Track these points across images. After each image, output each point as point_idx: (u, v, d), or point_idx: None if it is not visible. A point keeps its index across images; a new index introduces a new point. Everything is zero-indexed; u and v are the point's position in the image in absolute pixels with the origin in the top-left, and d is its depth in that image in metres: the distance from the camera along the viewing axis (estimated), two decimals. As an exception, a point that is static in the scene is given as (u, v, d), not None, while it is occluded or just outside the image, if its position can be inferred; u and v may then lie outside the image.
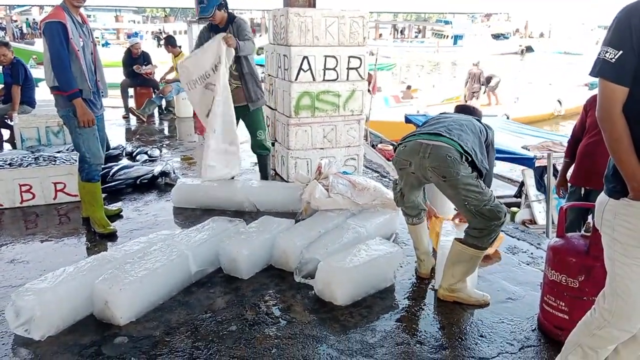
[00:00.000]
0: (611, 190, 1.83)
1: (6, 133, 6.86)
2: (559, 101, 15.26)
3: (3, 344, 2.57)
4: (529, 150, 6.30)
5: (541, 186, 6.13)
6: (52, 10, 3.64)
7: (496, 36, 46.44)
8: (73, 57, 3.60)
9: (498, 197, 4.21)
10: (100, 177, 5.14)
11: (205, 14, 4.12)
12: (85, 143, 3.79)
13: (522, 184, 6.80)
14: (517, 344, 2.61)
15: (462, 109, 3.30)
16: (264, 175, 4.90)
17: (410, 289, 3.18)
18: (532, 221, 6.26)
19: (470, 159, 2.74)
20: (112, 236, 3.92)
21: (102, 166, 5.36)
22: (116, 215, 4.31)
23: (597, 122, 3.30)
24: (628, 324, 1.88)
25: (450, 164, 2.70)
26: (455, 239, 2.91)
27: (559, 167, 5.91)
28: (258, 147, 4.75)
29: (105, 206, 4.28)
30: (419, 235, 3.29)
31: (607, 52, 1.70)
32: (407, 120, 8.32)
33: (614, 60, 1.68)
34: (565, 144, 6.76)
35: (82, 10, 3.78)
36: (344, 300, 2.93)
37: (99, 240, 3.88)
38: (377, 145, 8.88)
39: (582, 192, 3.72)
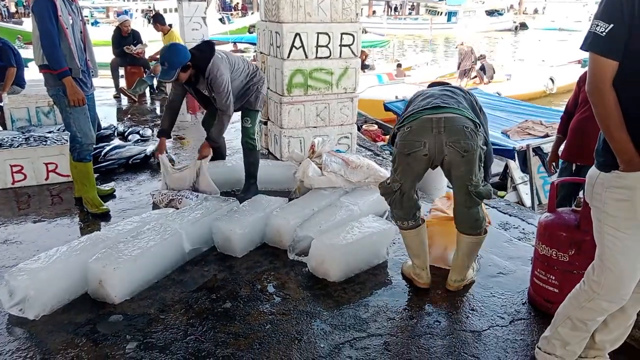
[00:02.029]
0: (601, 164, 1.84)
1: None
2: (551, 79, 15.21)
3: (-2, 324, 2.58)
4: (508, 136, 6.32)
5: (525, 167, 6.16)
6: None
7: (490, 13, 46.01)
8: (62, 36, 3.54)
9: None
10: (92, 157, 5.15)
11: (166, 78, 3.65)
12: (76, 122, 3.75)
13: (506, 167, 6.83)
14: (507, 317, 2.66)
15: (435, 85, 3.12)
16: (246, 177, 4.19)
17: (403, 265, 3.21)
18: (520, 203, 6.30)
19: (480, 127, 2.61)
20: (105, 216, 3.92)
21: (94, 146, 5.36)
22: (109, 195, 4.30)
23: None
24: (616, 295, 1.91)
25: (469, 135, 2.53)
26: (459, 231, 2.79)
27: (544, 146, 5.94)
28: (244, 136, 4.10)
29: (98, 186, 4.27)
30: (419, 241, 2.87)
31: (597, 25, 1.69)
32: (386, 108, 8.22)
33: (604, 34, 1.67)
34: (546, 121, 6.80)
35: None
36: (338, 277, 2.96)
37: (92, 220, 3.87)
38: (362, 127, 8.78)
39: (574, 168, 3.73)
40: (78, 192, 4.08)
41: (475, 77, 14.84)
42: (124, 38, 8.58)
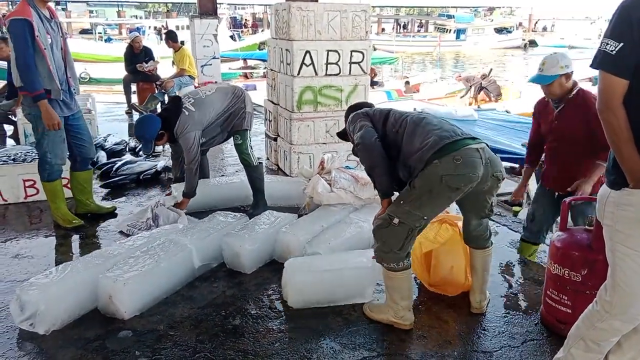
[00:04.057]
0: (612, 182, 1.84)
1: (10, 129, 6.89)
2: None
3: (8, 339, 2.59)
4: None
5: None
6: (17, 6, 3.52)
7: (499, 30, 46.21)
8: (40, 57, 3.46)
9: (499, 195, 4.10)
10: (104, 173, 5.20)
11: (147, 151, 3.87)
12: (49, 144, 3.70)
13: None
14: (519, 338, 2.62)
15: (365, 103, 3.08)
16: (254, 193, 4.21)
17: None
18: None
19: None
20: (78, 229, 3.92)
21: (106, 162, 5.42)
22: (110, 213, 4.27)
23: (553, 128, 3.28)
24: (629, 315, 1.89)
25: (500, 163, 2.54)
26: (476, 248, 2.77)
27: None
28: (238, 153, 4.14)
29: (99, 203, 4.32)
30: (410, 279, 2.66)
31: (607, 44, 1.70)
32: None
33: (614, 52, 1.68)
34: None
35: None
36: (295, 303, 2.87)
37: (103, 235, 3.89)
38: None
39: (557, 195, 3.54)
40: (80, 208, 4.09)
41: (479, 93, 14.83)
42: (136, 55, 8.70)
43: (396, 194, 2.61)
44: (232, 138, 4.13)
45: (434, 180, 2.36)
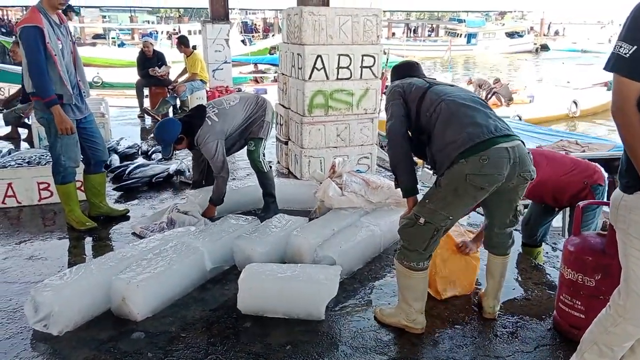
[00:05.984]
0: (625, 186, 1.83)
1: (24, 132, 6.97)
2: (574, 102, 15.05)
3: (22, 339, 2.62)
4: None
5: None
6: (28, 13, 3.56)
7: (510, 34, 45.99)
8: (51, 62, 3.50)
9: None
10: (117, 176, 5.24)
11: (166, 155, 3.94)
12: (63, 147, 3.74)
13: None
14: (532, 343, 2.60)
15: (411, 68, 2.87)
16: (265, 196, 4.26)
17: (424, 287, 3.17)
18: None
19: None
20: (91, 231, 3.96)
21: (118, 165, 5.47)
22: (123, 216, 4.30)
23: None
24: (643, 320, 1.87)
25: (531, 162, 2.46)
26: (496, 254, 2.74)
27: None
28: (250, 159, 4.19)
29: (112, 205, 4.34)
30: (426, 283, 2.64)
31: (621, 47, 1.69)
32: None
33: (628, 55, 1.67)
34: (581, 141, 6.72)
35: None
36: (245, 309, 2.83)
37: (116, 237, 3.93)
38: (385, 146, 8.84)
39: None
40: (69, 214, 4.02)
41: (490, 98, 14.80)
42: (148, 59, 8.78)
43: (421, 192, 2.59)
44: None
45: (459, 179, 2.33)
